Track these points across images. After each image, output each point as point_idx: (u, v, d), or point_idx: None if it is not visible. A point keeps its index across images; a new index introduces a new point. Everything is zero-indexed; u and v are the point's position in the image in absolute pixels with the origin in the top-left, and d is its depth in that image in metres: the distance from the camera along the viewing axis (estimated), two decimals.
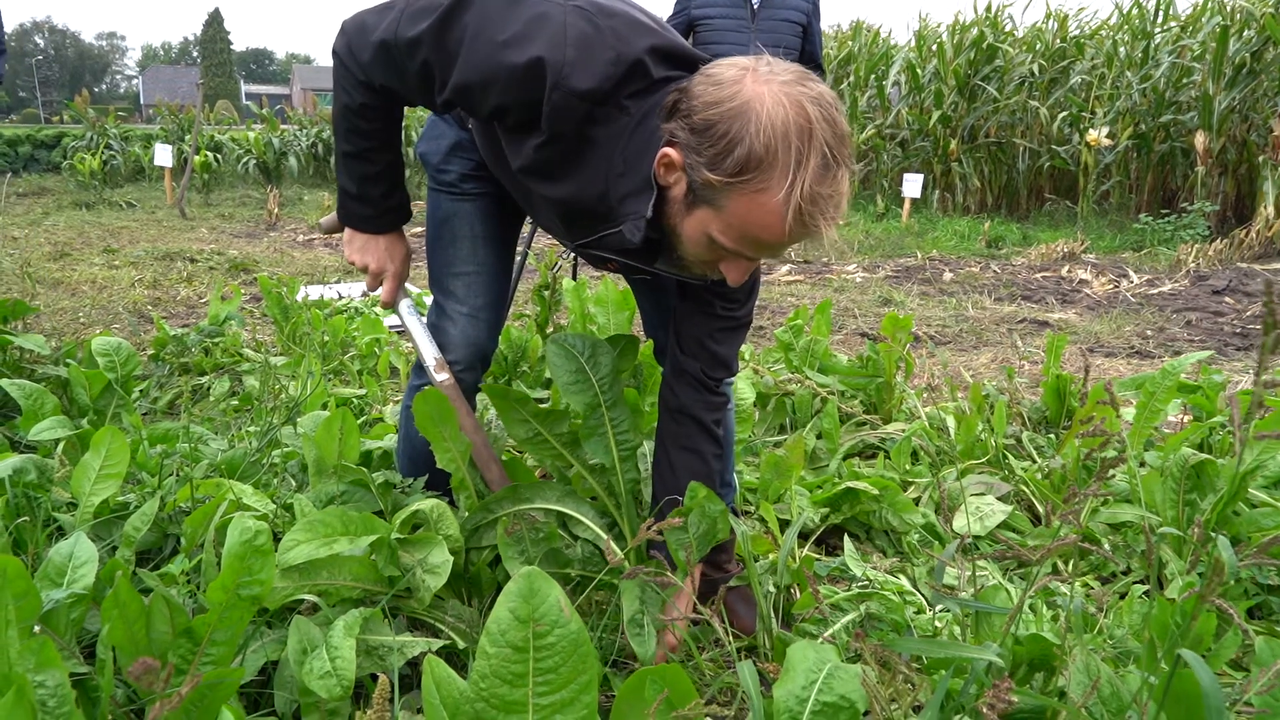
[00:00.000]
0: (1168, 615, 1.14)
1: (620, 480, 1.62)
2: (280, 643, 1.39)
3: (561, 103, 1.19)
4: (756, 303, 1.58)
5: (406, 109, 1.52)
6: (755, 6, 4.00)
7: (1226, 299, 5.72)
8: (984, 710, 0.82)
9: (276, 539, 1.43)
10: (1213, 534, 0.88)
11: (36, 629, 1.10)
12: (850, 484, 2.14)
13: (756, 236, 1.16)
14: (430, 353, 1.62)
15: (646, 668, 0.97)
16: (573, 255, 1.56)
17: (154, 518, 1.58)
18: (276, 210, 9.11)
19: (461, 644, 1.46)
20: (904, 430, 2.62)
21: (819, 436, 2.62)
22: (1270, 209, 7.18)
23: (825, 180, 1.09)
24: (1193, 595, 0.92)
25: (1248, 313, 5.32)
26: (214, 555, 1.43)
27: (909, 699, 1.04)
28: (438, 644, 1.40)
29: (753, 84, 1.10)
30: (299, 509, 1.55)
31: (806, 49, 4.05)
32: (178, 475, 1.88)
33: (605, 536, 1.53)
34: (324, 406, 2.41)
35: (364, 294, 5.14)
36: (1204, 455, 1.95)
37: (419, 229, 6.75)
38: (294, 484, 1.99)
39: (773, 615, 1.62)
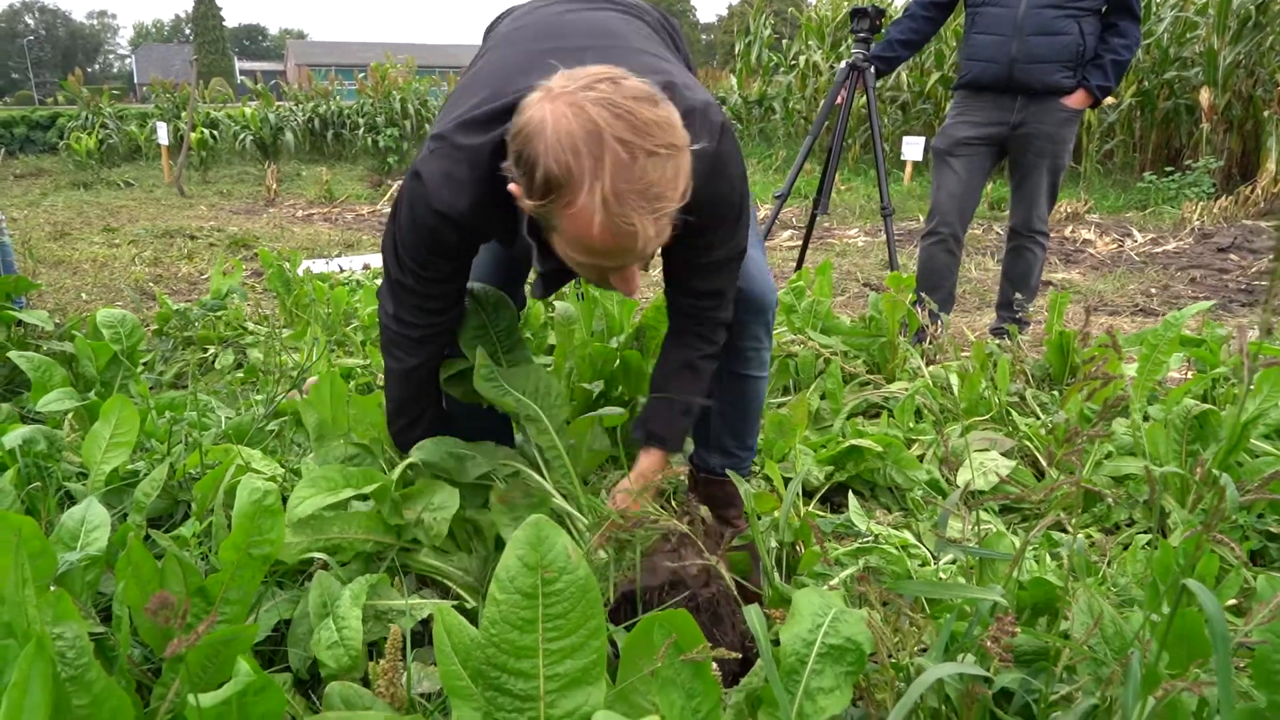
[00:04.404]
0: (1170, 557, 1.15)
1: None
2: (292, 602, 1.41)
3: (468, 225, 1.32)
4: (754, 230, 1.52)
5: None
6: None
7: (1231, 256, 5.68)
8: (988, 645, 0.83)
9: (285, 503, 1.45)
10: (1215, 472, 0.88)
11: (52, 589, 1.12)
12: (854, 442, 2.15)
13: (591, 248, 1.15)
14: None
15: (654, 613, 0.98)
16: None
17: (164, 484, 1.60)
18: (275, 186, 9.07)
19: (470, 602, 1.47)
20: (907, 389, 2.62)
21: (823, 397, 2.63)
22: (1275, 165, 7.12)
23: (630, 177, 1.07)
24: (1195, 534, 0.93)
25: (1253, 269, 5.29)
26: (224, 518, 1.45)
27: (914, 641, 1.05)
28: (447, 604, 1.42)
29: (544, 103, 1.10)
30: (305, 472, 1.56)
31: None
32: (186, 443, 1.89)
33: (548, 485, 1.55)
34: None
35: (365, 267, 5.14)
36: (1207, 406, 1.96)
37: None
38: (300, 450, 2.01)
39: (775, 569, 1.63)
